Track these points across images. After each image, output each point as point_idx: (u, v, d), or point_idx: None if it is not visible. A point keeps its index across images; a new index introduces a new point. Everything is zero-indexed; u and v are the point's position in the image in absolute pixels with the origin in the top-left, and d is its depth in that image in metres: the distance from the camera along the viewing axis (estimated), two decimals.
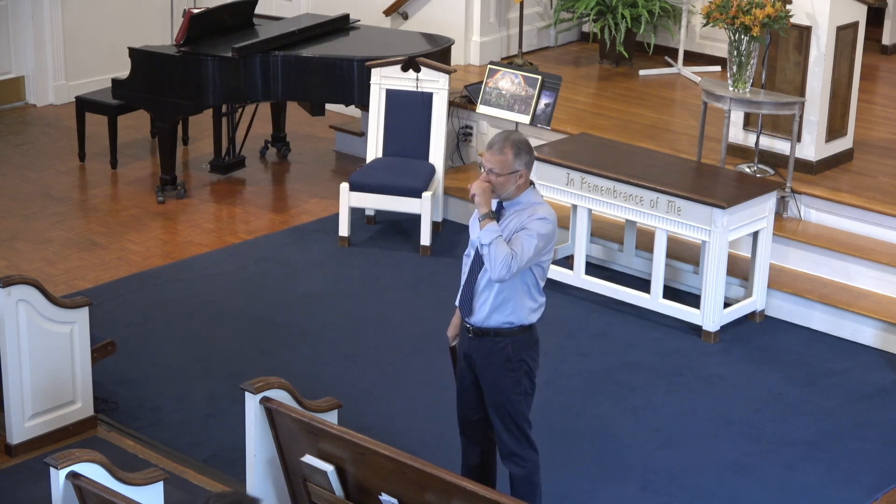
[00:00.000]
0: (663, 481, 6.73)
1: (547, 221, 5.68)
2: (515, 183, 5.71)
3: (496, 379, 5.86)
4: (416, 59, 9.48)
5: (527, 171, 5.74)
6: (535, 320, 5.86)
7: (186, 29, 9.88)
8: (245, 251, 9.26)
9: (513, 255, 5.59)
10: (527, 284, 5.76)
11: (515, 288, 5.73)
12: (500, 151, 5.68)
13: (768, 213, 8.23)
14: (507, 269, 5.58)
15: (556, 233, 5.75)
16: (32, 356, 6.76)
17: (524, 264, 5.63)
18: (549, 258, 5.78)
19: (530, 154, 5.76)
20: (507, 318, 5.78)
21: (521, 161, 5.70)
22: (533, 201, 5.75)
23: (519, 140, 5.75)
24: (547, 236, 5.68)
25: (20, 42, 11.82)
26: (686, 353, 7.99)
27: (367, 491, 5.33)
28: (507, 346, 5.81)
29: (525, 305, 5.78)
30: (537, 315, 5.86)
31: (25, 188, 10.26)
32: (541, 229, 5.65)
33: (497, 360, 5.83)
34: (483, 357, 5.85)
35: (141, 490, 5.28)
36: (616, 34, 11.02)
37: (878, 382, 7.69)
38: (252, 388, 5.60)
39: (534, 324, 5.85)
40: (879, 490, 6.71)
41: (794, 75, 8.83)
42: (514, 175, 5.69)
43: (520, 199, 5.76)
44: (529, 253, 5.62)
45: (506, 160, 5.67)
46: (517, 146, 5.70)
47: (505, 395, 5.88)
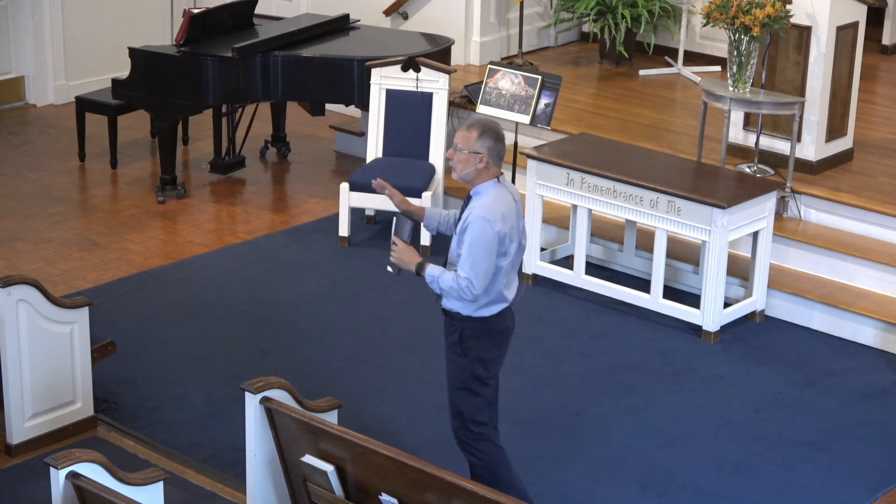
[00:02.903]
0: (663, 481, 6.74)
1: (483, 221, 5.74)
2: (475, 166, 5.79)
3: (447, 359, 6.02)
4: (416, 59, 9.48)
5: (489, 159, 5.79)
6: (490, 314, 5.91)
7: (186, 29, 9.88)
8: (245, 251, 9.26)
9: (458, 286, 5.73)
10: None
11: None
12: (467, 129, 5.82)
13: (768, 213, 8.23)
14: (468, 293, 5.75)
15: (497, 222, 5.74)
16: (32, 356, 6.76)
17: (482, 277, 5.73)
18: (510, 253, 5.82)
19: (496, 142, 5.80)
20: (455, 305, 5.90)
21: (483, 144, 5.77)
22: (489, 194, 5.81)
23: (489, 126, 5.83)
24: (485, 242, 5.73)
25: (20, 42, 11.82)
26: (686, 353, 7.99)
27: (367, 491, 5.33)
28: (457, 330, 5.93)
29: (478, 300, 5.86)
30: (492, 310, 5.90)
31: (25, 188, 10.26)
32: (479, 236, 5.73)
33: (449, 342, 5.98)
34: (444, 335, 6.04)
35: (141, 490, 5.28)
36: (616, 34, 11.02)
37: (878, 382, 7.69)
38: (252, 388, 5.60)
39: (491, 317, 5.91)
40: (879, 490, 6.71)
41: (794, 75, 8.83)
42: (475, 157, 5.78)
43: (480, 189, 5.84)
44: (475, 269, 5.72)
45: (469, 137, 5.78)
46: (484, 129, 5.79)
47: (450, 379, 6.02)
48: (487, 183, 5.83)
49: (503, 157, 5.87)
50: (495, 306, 5.92)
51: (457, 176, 5.87)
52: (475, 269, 5.73)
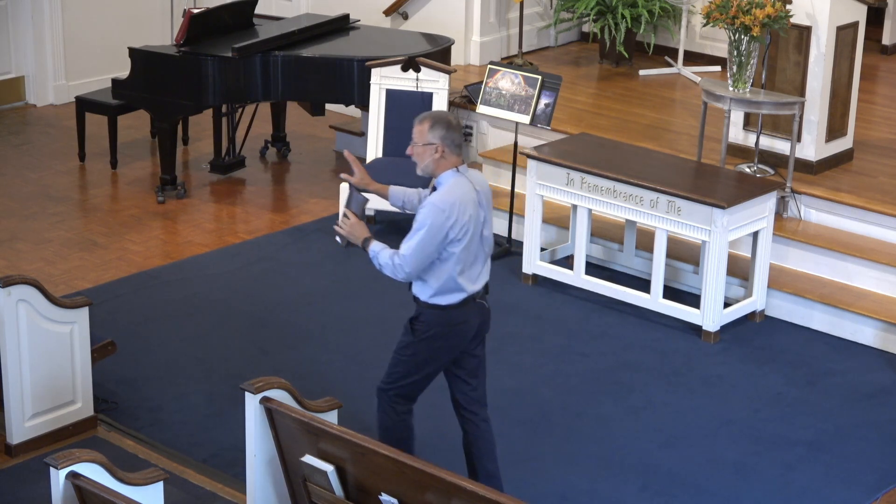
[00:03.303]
0: (663, 481, 6.73)
1: (431, 206, 5.90)
2: (431, 156, 5.95)
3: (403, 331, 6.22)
4: (416, 59, 9.48)
5: (444, 148, 5.94)
6: (446, 303, 6.05)
7: (186, 29, 9.88)
8: (245, 251, 9.26)
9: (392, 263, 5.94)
10: (435, 268, 6.00)
11: (427, 269, 5.99)
12: (420, 122, 5.99)
13: (768, 213, 8.23)
14: (401, 273, 5.95)
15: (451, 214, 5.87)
16: (32, 356, 6.76)
17: (419, 260, 5.91)
18: (462, 243, 5.94)
19: (449, 131, 5.94)
20: (419, 292, 6.09)
21: (435, 134, 5.92)
22: (447, 183, 5.96)
23: (440, 116, 5.99)
24: (430, 228, 5.88)
25: (20, 42, 11.82)
26: (686, 353, 7.99)
27: (367, 491, 5.33)
28: (418, 314, 6.14)
29: (431, 286, 6.04)
30: (449, 299, 6.05)
31: (25, 188, 10.26)
32: (425, 220, 5.89)
33: (408, 318, 6.20)
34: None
35: (141, 490, 5.28)
36: (616, 34, 11.02)
37: (878, 382, 7.69)
38: (252, 388, 5.60)
39: (448, 306, 6.06)
40: (879, 490, 6.71)
41: (794, 75, 8.83)
42: (430, 147, 5.94)
43: (440, 179, 5.98)
44: (412, 250, 5.90)
45: (422, 130, 5.96)
46: (435, 120, 5.96)
47: (396, 348, 6.23)
48: (447, 173, 5.98)
49: (460, 145, 5.99)
50: (452, 295, 6.05)
51: (419, 170, 6.03)
52: (411, 251, 5.90)
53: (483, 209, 6.03)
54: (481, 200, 6.02)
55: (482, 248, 6.09)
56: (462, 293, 6.05)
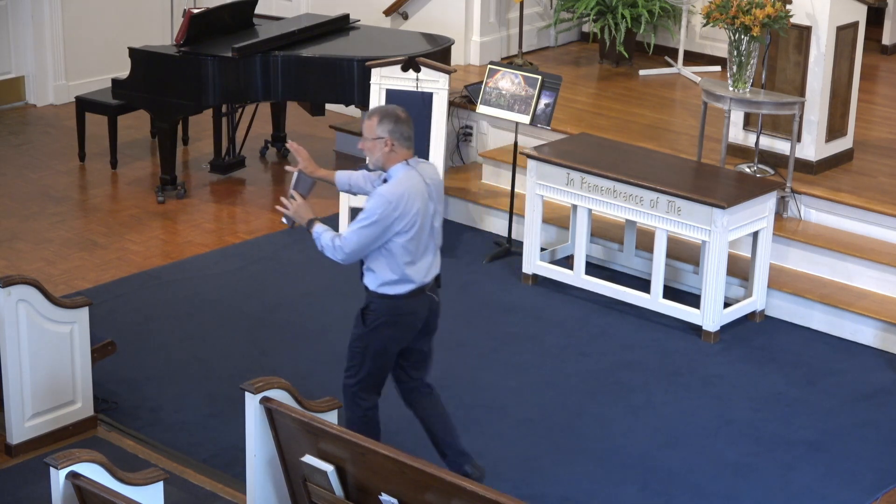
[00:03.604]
0: (663, 481, 6.74)
1: (379, 196, 6.01)
2: (381, 150, 6.05)
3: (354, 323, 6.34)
4: (416, 59, 9.47)
5: (393, 142, 6.05)
6: (393, 293, 6.17)
7: (186, 29, 9.88)
8: (245, 251, 9.26)
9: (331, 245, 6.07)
10: (383, 256, 6.10)
11: (374, 258, 6.13)
12: (368, 118, 6.10)
13: (768, 213, 8.23)
14: (340, 254, 6.07)
15: (398, 206, 5.98)
16: (32, 356, 6.76)
17: (359, 245, 6.03)
18: (409, 234, 6.06)
19: (398, 125, 6.05)
20: (368, 282, 6.22)
21: (384, 128, 6.02)
22: (397, 176, 6.07)
23: (389, 111, 6.10)
24: (374, 217, 5.99)
25: (20, 42, 11.82)
26: (686, 353, 7.99)
27: (367, 491, 5.33)
28: (368, 304, 6.26)
29: (379, 276, 6.15)
30: (398, 289, 6.16)
31: (25, 188, 10.26)
32: (372, 210, 5.99)
33: (360, 310, 6.30)
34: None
35: (141, 490, 5.28)
36: (616, 34, 11.02)
37: (878, 382, 7.69)
38: (252, 388, 5.60)
39: (396, 296, 6.17)
40: (879, 490, 6.71)
41: (794, 75, 8.83)
42: (379, 141, 6.04)
43: (390, 172, 6.09)
44: (354, 235, 6.02)
45: (371, 125, 6.05)
46: (383, 114, 6.07)
47: (350, 342, 6.35)
48: (397, 166, 6.08)
49: (410, 138, 6.10)
50: (400, 286, 6.16)
51: (370, 164, 6.16)
52: (353, 236, 6.03)
53: (433, 202, 6.16)
54: (431, 193, 6.15)
55: (432, 241, 6.22)
56: (411, 284, 6.17)
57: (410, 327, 6.29)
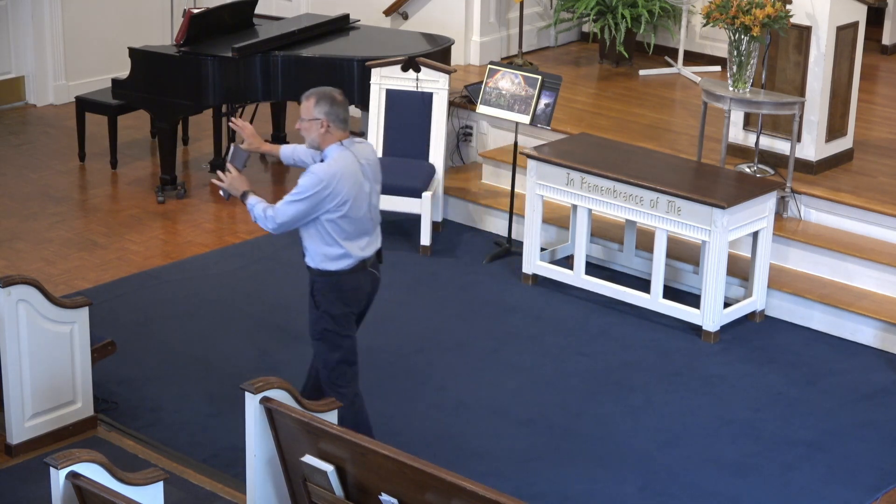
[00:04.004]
0: (663, 481, 6.74)
1: (312, 175, 6.21)
2: (318, 131, 6.26)
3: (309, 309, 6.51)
4: (416, 59, 9.48)
5: (330, 123, 6.25)
6: (335, 269, 6.35)
7: (186, 29, 9.88)
8: (245, 251, 9.26)
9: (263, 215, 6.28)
10: (319, 234, 6.30)
11: (310, 236, 6.33)
12: (306, 98, 6.29)
13: (768, 213, 8.23)
14: (271, 224, 6.27)
15: (329, 185, 6.18)
16: (32, 356, 6.76)
17: (289, 218, 6.23)
18: (340, 212, 6.24)
19: (334, 107, 6.25)
20: (309, 260, 6.40)
21: (320, 110, 6.23)
22: (332, 156, 6.27)
23: (326, 93, 6.29)
24: (306, 192, 6.17)
25: (20, 42, 11.82)
26: (686, 353, 7.99)
27: (367, 491, 5.33)
28: (312, 284, 6.43)
29: (319, 252, 6.34)
30: (338, 265, 6.35)
31: (25, 188, 10.26)
32: (303, 187, 6.19)
33: (309, 294, 6.47)
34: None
35: (141, 490, 5.28)
36: (616, 34, 11.02)
37: (878, 382, 7.69)
38: (252, 388, 5.60)
39: (338, 272, 6.35)
40: (879, 490, 6.71)
41: (794, 75, 8.83)
42: (315, 122, 6.25)
43: (326, 152, 6.30)
44: (286, 207, 6.21)
45: (308, 106, 6.26)
46: (320, 96, 6.27)
47: (309, 330, 6.54)
48: (333, 146, 6.29)
49: (346, 120, 6.30)
50: (340, 262, 6.34)
51: (307, 143, 6.37)
52: (284, 208, 6.23)
53: (369, 180, 6.36)
54: (367, 172, 6.35)
55: (369, 218, 6.41)
56: (349, 259, 6.36)
57: (357, 301, 6.48)
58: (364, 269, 6.41)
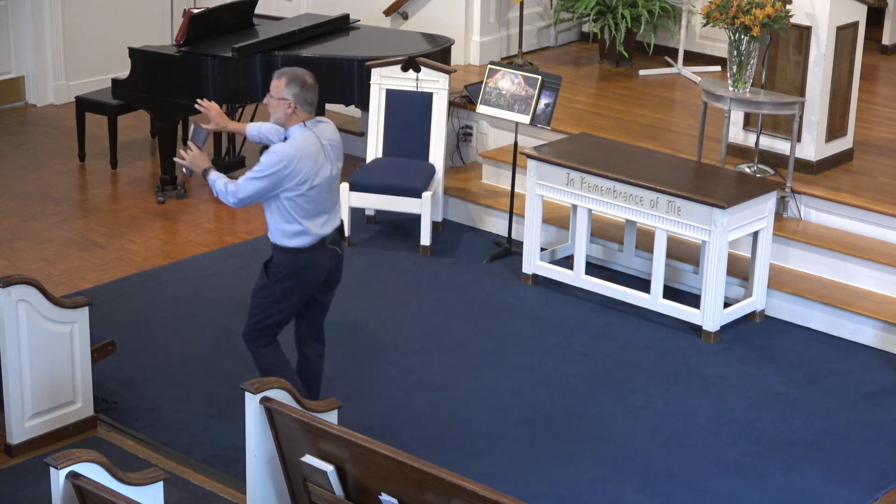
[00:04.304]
0: (663, 481, 6.74)
1: (273, 154, 6.40)
2: (284, 111, 6.45)
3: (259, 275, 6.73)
4: (416, 59, 9.48)
5: (297, 105, 6.44)
6: (294, 245, 6.55)
7: (186, 29, 9.88)
8: (245, 251, 9.25)
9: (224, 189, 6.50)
10: (279, 210, 6.51)
11: (270, 212, 6.56)
12: (278, 77, 6.48)
13: (768, 213, 8.24)
14: (232, 198, 6.48)
15: (289, 165, 6.37)
16: (32, 356, 6.76)
17: (250, 193, 6.44)
18: (299, 191, 6.44)
19: (303, 90, 6.45)
20: (270, 235, 6.63)
21: (289, 91, 6.42)
22: (295, 136, 6.46)
23: (297, 75, 6.48)
24: (267, 170, 6.38)
25: (20, 42, 11.82)
26: (686, 353, 7.99)
27: (367, 491, 5.33)
28: (270, 257, 6.64)
29: (278, 228, 6.56)
30: (297, 241, 6.54)
31: (25, 188, 10.26)
32: (265, 165, 6.39)
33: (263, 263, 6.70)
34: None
35: (141, 490, 5.28)
36: (616, 34, 11.02)
37: (878, 382, 7.69)
38: (252, 388, 5.60)
39: (296, 248, 6.55)
40: (879, 490, 6.71)
41: (794, 75, 8.83)
42: (283, 102, 6.44)
43: (289, 132, 6.49)
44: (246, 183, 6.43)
45: (279, 85, 6.44)
46: (291, 77, 6.46)
47: (254, 290, 6.74)
48: (296, 126, 6.48)
49: (312, 103, 6.50)
50: (299, 239, 6.54)
51: (272, 120, 6.56)
52: (245, 183, 6.44)
53: (330, 160, 6.55)
54: (328, 153, 6.54)
55: (329, 196, 6.58)
56: (309, 237, 6.54)
57: (311, 279, 6.64)
58: (322, 246, 6.60)
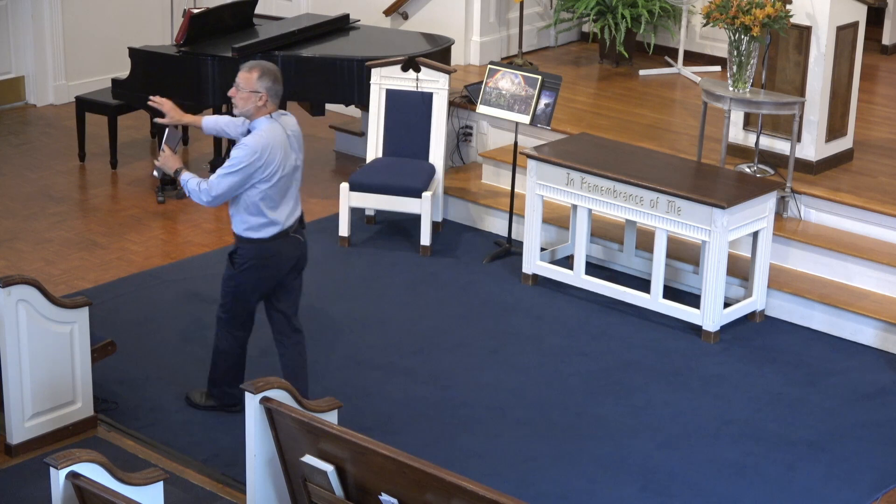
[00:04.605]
0: (663, 481, 6.74)
1: (245, 147, 6.55)
2: (255, 103, 6.59)
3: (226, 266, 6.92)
4: (416, 59, 9.48)
5: (268, 98, 6.60)
6: (257, 237, 6.73)
7: (186, 29, 9.88)
8: None
9: (197, 189, 6.64)
10: (245, 204, 6.67)
11: (237, 205, 6.71)
12: (248, 70, 6.61)
13: (768, 213, 8.24)
14: (206, 196, 6.62)
15: (262, 156, 6.54)
16: (32, 356, 6.76)
17: (224, 190, 6.58)
18: (271, 182, 6.61)
19: (274, 83, 6.60)
20: (234, 227, 6.79)
21: (262, 84, 6.56)
22: (262, 128, 6.60)
23: (269, 68, 6.63)
24: (239, 164, 6.53)
25: (20, 42, 11.82)
26: (686, 353, 7.99)
27: (367, 491, 5.33)
28: (235, 247, 6.83)
29: (244, 221, 6.72)
30: (261, 233, 6.72)
31: (25, 188, 10.26)
32: (238, 158, 6.53)
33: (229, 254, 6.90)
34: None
35: (141, 490, 5.28)
36: (616, 34, 11.02)
37: (878, 382, 7.69)
38: (252, 388, 5.60)
39: (260, 239, 6.73)
40: (879, 490, 6.71)
41: (794, 75, 8.83)
42: (255, 95, 6.58)
43: (255, 124, 6.63)
44: (220, 180, 6.57)
45: (250, 78, 6.57)
46: (263, 70, 6.60)
47: (223, 279, 6.94)
48: (262, 118, 6.62)
49: (279, 97, 6.67)
50: (264, 230, 6.71)
51: (237, 111, 6.66)
52: (219, 180, 6.58)
53: (294, 151, 6.72)
54: (292, 143, 6.71)
55: (294, 186, 6.78)
56: (274, 227, 6.71)
57: (277, 268, 6.83)
58: (287, 236, 6.77)
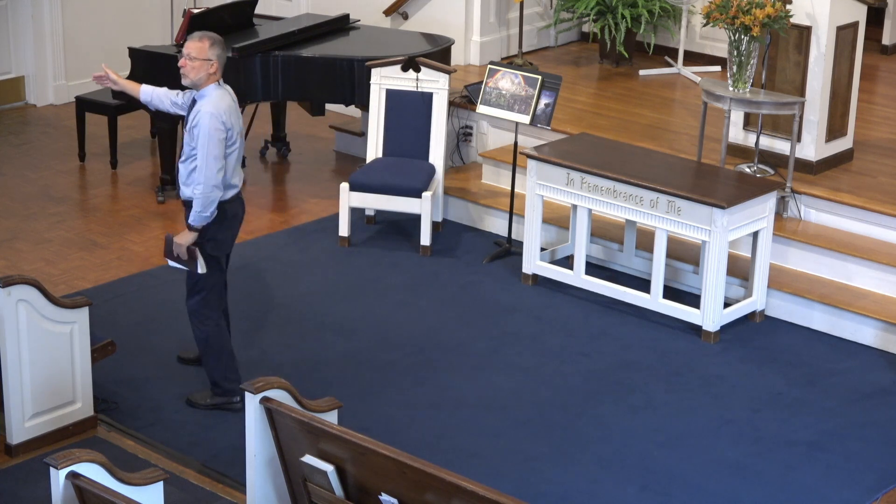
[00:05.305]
0: (663, 481, 6.74)
1: (210, 116, 6.72)
2: (207, 71, 6.79)
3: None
4: (416, 59, 9.48)
5: (218, 66, 6.82)
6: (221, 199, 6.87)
7: (186, 29, 9.87)
8: (245, 251, 9.25)
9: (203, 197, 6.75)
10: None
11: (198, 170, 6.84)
12: (199, 39, 6.81)
13: (768, 213, 8.24)
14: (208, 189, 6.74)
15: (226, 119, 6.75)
16: (32, 356, 6.76)
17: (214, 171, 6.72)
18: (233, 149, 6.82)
19: (224, 52, 6.87)
20: (186, 193, 6.91)
21: (214, 52, 6.79)
22: (213, 94, 6.79)
23: (217, 38, 6.85)
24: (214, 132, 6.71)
25: (20, 42, 11.82)
26: (686, 353, 7.99)
27: (367, 491, 5.33)
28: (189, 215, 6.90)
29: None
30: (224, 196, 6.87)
31: (25, 188, 10.26)
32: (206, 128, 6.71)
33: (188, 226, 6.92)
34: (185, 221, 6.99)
35: (141, 490, 5.28)
36: (616, 34, 11.02)
37: (878, 382, 7.69)
38: (252, 388, 5.60)
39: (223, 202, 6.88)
40: (879, 490, 6.71)
41: (794, 75, 8.84)
42: (207, 63, 6.78)
43: (204, 92, 6.82)
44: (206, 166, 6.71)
45: (202, 47, 6.78)
46: (214, 40, 6.81)
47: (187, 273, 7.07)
48: (211, 86, 6.82)
49: (225, 64, 6.92)
50: (226, 192, 6.90)
51: (187, 81, 6.83)
52: (205, 164, 6.73)
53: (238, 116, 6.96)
54: (237, 109, 6.94)
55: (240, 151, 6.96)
56: (232, 189, 6.96)
57: (236, 226, 7.09)
58: (239, 196, 7.02)
